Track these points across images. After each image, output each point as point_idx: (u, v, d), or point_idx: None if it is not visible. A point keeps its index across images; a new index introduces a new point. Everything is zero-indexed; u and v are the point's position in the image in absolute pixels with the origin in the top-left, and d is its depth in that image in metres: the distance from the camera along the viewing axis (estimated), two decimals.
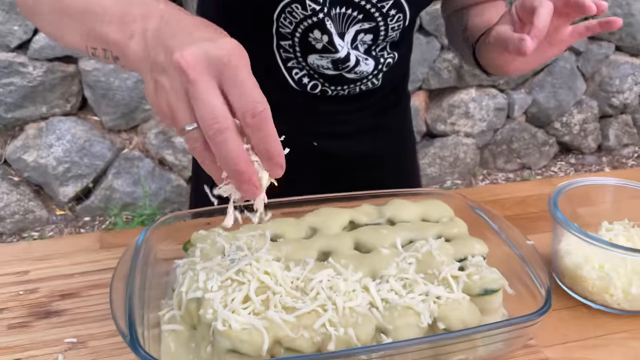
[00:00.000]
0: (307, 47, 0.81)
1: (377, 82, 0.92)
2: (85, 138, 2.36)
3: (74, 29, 0.52)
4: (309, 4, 0.74)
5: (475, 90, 2.68)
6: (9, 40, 2.17)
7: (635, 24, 2.76)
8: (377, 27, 0.82)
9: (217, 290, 0.50)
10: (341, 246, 0.57)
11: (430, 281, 0.53)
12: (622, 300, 0.60)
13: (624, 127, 2.98)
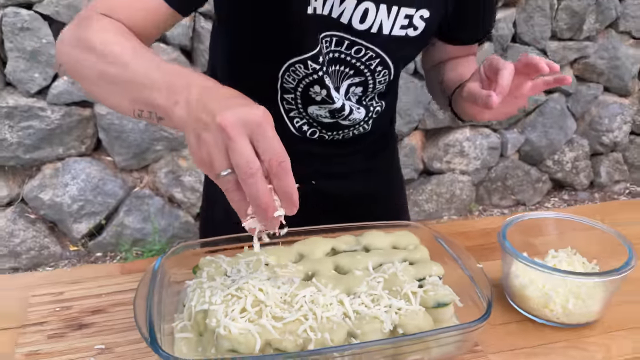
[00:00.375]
0: (308, 100, 0.95)
1: (368, 127, 1.05)
2: (99, 177, 2.50)
3: (121, 95, 0.66)
4: (310, 64, 0.88)
5: (469, 130, 2.83)
6: (30, 87, 2.34)
7: (621, 66, 2.92)
8: (366, 81, 0.96)
9: (220, 304, 0.62)
10: (323, 269, 0.70)
11: (394, 296, 0.65)
12: (560, 315, 0.72)
13: (614, 164, 3.11)
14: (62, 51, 0.73)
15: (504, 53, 2.73)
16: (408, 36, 0.92)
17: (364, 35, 0.89)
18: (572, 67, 2.91)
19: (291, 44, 0.88)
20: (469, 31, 1.05)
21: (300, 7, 0.82)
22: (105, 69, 0.67)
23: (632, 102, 3.07)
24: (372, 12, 0.87)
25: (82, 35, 0.70)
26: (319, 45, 0.87)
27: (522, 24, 2.71)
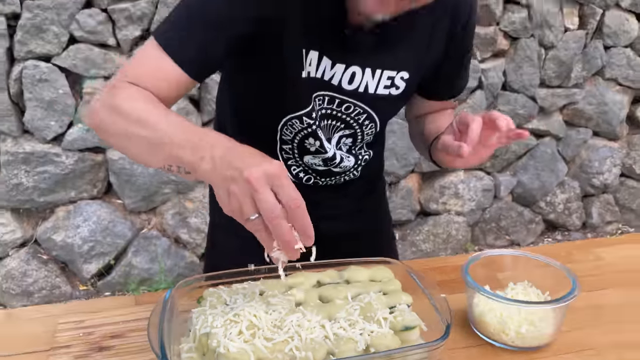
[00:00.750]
0: (304, 150, 1.09)
1: (357, 173, 1.19)
2: (109, 219, 2.64)
3: (152, 153, 0.81)
4: (305, 119, 1.02)
5: (464, 173, 2.96)
6: (46, 134, 2.49)
7: (609, 111, 3.06)
8: (355, 133, 1.10)
9: (220, 327, 0.74)
10: (309, 298, 0.82)
11: (368, 321, 0.77)
12: (515, 339, 0.84)
13: (606, 205, 3.22)
14: (95, 117, 0.87)
15: (495, 100, 2.88)
16: (391, 95, 1.06)
17: (352, 94, 1.03)
18: (562, 113, 3.06)
19: (288, 103, 1.02)
20: (446, 89, 1.20)
21: (296, 72, 0.97)
22: (137, 132, 0.81)
23: (621, 146, 3.20)
24: (359, 74, 1.01)
25: (114, 102, 0.84)
26: (312, 104, 1.01)
27: (512, 72, 2.87)
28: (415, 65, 1.05)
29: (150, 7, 2.39)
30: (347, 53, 0.98)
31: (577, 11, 2.89)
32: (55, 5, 2.31)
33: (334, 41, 0.96)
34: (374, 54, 1.00)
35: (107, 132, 0.87)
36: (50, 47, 2.37)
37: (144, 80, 0.87)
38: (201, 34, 0.89)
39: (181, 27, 0.90)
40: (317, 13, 0.94)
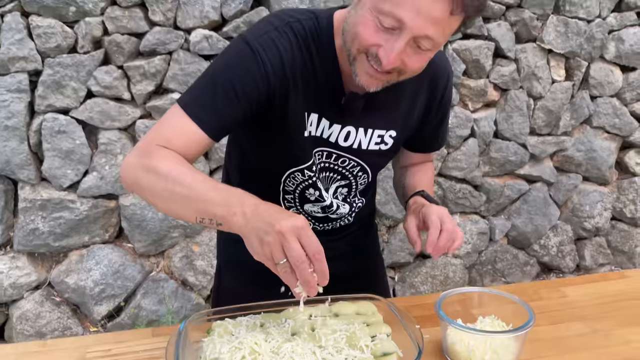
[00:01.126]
0: (304, 200, 1.26)
1: (351, 219, 1.35)
2: (119, 263, 2.78)
3: (186, 208, 0.97)
4: (306, 172, 1.19)
5: (459, 217, 3.11)
6: (62, 182, 2.65)
7: (598, 158, 3.22)
8: (350, 184, 1.26)
9: (227, 353, 0.88)
10: (302, 330, 0.96)
11: (352, 348, 0.91)
12: None
13: (598, 248, 3.35)
14: (129, 175, 1.03)
15: (487, 148, 3.05)
16: (381, 150, 1.23)
17: (347, 150, 1.20)
18: (552, 159, 3.22)
19: (291, 158, 1.19)
20: (428, 144, 1.38)
21: (299, 132, 1.14)
22: (173, 189, 0.97)
23: (611, 190, 3.35)
24: (353, 133, 1.18)
25: (151, 163, 1.00)
26: (313, 158, 1.18)
27: (503, 122, 3.04)
28: (401, 125, 1.23)
29: (164, 64, 2.59)
30: (343, 115, 1.16)
31: (564, 64, 3.09)
32: (75, 62, 2.51)
33: (331, 106, 1.14)
34: (366, 116, 1.17)
35: (142, 188, 1.02)
36: (68, 101, 2.56)
37: (172, 142, 1.04)
38: (221, 103, 1.06)
39: (204, 97, 1.07)
40: (317, 83, 1.12)
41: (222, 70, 1.08)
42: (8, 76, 2.49)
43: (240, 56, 1.07)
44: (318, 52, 1.10)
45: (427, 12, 0.93)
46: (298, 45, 1.08)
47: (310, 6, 2.63)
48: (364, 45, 0.99)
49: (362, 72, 1.03)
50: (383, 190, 2.94)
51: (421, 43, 0.97)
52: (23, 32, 2.45)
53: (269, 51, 1.06)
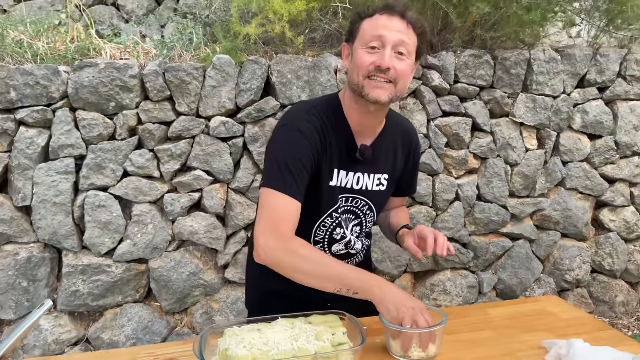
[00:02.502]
0: (332, 241, 1.73)
1: (362, 257, 1.82)
2: (148, 319, 3.20)
3: (328, 282, 1.46)
4: (334, 214, 1.67)
5: (450, 272, 3.51)
6: (101, 249, 3.05)
7: (574, 216, 3.63)
8: (361, 222, 1.75)
9: (233, 345, 1.34)
10: (285, 332, 1.42)
11: (320, 341, 1.36)
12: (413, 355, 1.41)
13: (580, 298, 3.70)
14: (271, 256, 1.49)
15: (472, 209, 3.49)
16: (380, 190, 1.74)
17: (359, 192, 1.71)
18: (532, 219, 3.63)
19: (324, 205, 1.66)
20: (405, 190, 1.89)
21: (327, 183, 1.63)
22: (317, 270, 1.47)
23: (589, 245, 3.72)
24: (362, 178, 1.69)
25: (291, 248, 1.48)
26: (339, 203, 1.66)
27: (484, 186, 3.50)
28: (391, 170, 1.74)
29: (187, 147, 3.07)
30: (355, 164, 1.66)
31: (536, 134, 3.55)
32: (114, 148, 2.97)
33: (348, 158, 1.64)
34: (369, 164, 1.68)
35: (286, 268, 1.50)
36: (108, 180, 2.98)
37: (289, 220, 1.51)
38: (297, 175, 1.53)
39: (286, 176, 1.52)
40: (338, 144, 1.61)
41: (287, 153, 1.55)
42: (58, 161, 2.92)
43: (293, 139, 1.56)
44: (337, 121, 1.62)
45: (393, 26, 1.51)
46: (324, 119, 1.60)
47: (311, 95, 3.16)
48: (365, 67, 1.52)
49: (371, 89, 1.54)
50: (380, 250, 3.38)
51: (399, 49, 1.52)
52: (71, 124, 2.91)
53: (309, 129, 1.57)
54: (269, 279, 1.61)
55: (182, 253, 3.18)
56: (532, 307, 1.74)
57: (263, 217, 1.52)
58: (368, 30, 1.54)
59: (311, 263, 1.47)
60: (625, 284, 3.78)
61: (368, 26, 1.55)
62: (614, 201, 3.67)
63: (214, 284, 3.21)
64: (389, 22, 1.52)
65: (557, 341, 1.42)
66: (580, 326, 1.61)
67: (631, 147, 3.65)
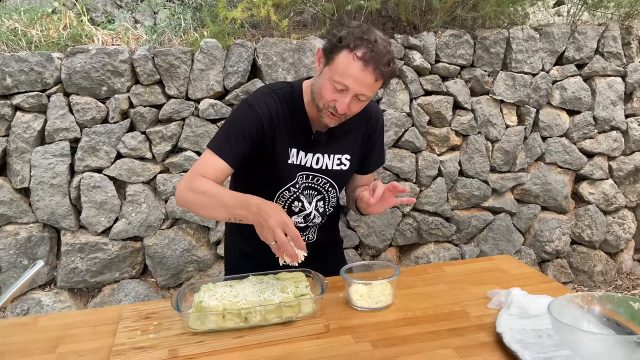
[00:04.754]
0: (290, 213, 1.89)
1: (313, 236, 1.96)
2: (144, 294, 3.34)
3: (220, 212, 1.63)
4: (292, 189, 1.83)
5: (434, 245, 3.67)
6: (97, 228, 3.19)
7: (553, 190, 3.78)
8: (324, 197, 1.91)
9: (206, 298, 1.51)
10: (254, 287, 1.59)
11: (284, 293, 1.53)
12: (368, 304, 1.58)
13: (560, 268, 3.86)
14: (180, 195, 1.68)
15: (454, 185, 3.65)
16: (342, 170, 1.90)
17: (319, 171, 1.87)
18: (513, 193, 3.78)
19: (281, 179, 1.83)
20: (370, 165, 2.03)
21: (285, 160, 1.79)
22: (211, 202, 1.62)
23: (569, 218, 3.87)
24: (321, 158, 1.85)
25: (193, 186, 1.65)
26: (296, 179, 1.82)
27: (466, 162, 3.64)
28: (352, 150, 1.89)
29: (178, 128, 3.19)
30: (313, 146, 1.82)
31: (515, 111, 3.69)
32: (107, 130, 3.10)
33: (304, 140, 1.80)
34: (328, 145, 1.84)
35: (189, 203, 1.67)
36: (102, 162, 3.11)
37: (207, 173, 1.69)
38: (234, 143, 1.71)
39: (223, 141, 1.72)
40: (293, 127, 1.77)
41: (234, 123, 1.76)
42: (53, 144, 3.05)
43: (244, 112, 1.75)
44: (294, 108, 1.79)
45: (361, 81, 1.62)
46: (281, 103, 1.78)
47: (295, 77, 3.31)
48: (326, 101, 1.68)
49: (326, 117, 1.71)
50: (366, 225, 3.55)
51: (360, 97, 1.66)
52: (65, 108, 3.03)
53: (262, 107, 1.74)
54: (238, 238, 1.78)
55: (175, 230, 3.34)
56: (486, 264, 1.91)
57: (190, 170, 1.72)
58: (340, 68, 1.60)
59: (206, 196, 1.63)
60: (604, 254, 3.94)
61: (341, 63, 1.60)
62: (593, 174, 3.82)
63: (206, 259, 3.38)
64: (359, 74, 1.59)
65: (499, 290, 1.59)
66: (525, 279, 1.77)
67: (609, 121, 3.78)
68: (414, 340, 1.42)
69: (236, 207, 1.58)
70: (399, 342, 1.42)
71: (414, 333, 1.46)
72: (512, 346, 1.30)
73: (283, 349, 1.41)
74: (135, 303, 1.72)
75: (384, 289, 1.59)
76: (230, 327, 1.48)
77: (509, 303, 1.49)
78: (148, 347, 1.43)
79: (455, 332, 1.45)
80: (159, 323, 1.56)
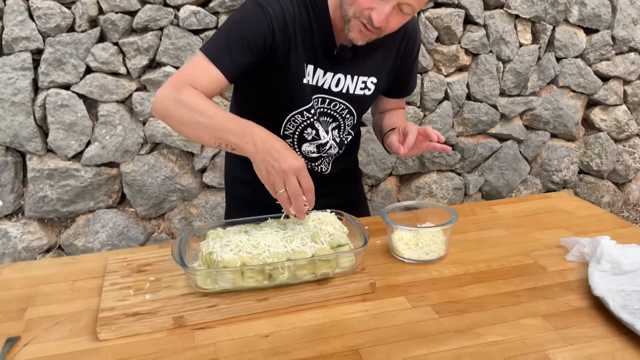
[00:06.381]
0: (302, 140, 1.53)
1: (327, 168, 1.62)
2: (123, 225, 3.05)
3: (207, 134, 1.24)
4: (305, 113, 1.48)
5: (436, 174, 3.39)
6: (67, 152, 2.86)
7: (564, 115, 3.49)
8: (339, 125, 1.55)
9: (218, 248, 1.17)
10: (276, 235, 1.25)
11: (316, 242, 1.19)
12: (417, 255, 1.26)
13: None
14: (161, 106, 1.30)
15: (460, 109, 3.32)
16: (365, 95, 1.52)
17: (338, 94, 1.50)
18: (522, 118, 3.49)
19: (294, 102, 1.47)
20: (401, 90, 1.68)
21: (299, 79, 1.42)
22: (198, 119, 1.24)
23: (578, 146, 3.62)
24: (342, 80, 1.47)
25: (180, 97, 1.27)
26: (312, 102, 1.45)
27: (474, 84, 3.31)
28: (380, 73, 1.52)
29: (155, 39, 2.81)
30: (334, 65, 1.45)
31: (530, 28, 3.34)
32: (74, 40, 2.71)
33: (325, 57, 1.44)
34: (353, 65, 1.47)
35: (172, 117, 1.29)
36: (69, 77, 2.77)
37: (197, 82, 1.30)
38: (236, 51, 1.33)
39: (223, 46, 1.33)
40: (313, 38, 1.40)
41: (237, 25, 1.35)
42: (12, 55, 2.68)
43: (251, 13, 1.35)
44: (315, 13, 1.39)
45: None
46: (299, 6, 1.37)
47: None
48: (360, 9, 1.28)
49: (355, 30, 1.32)
50: (365, 152, 3.22)
51: (403, 8, 1.27)
52: (24, 14, 2.64)
53: (274, 8, 1.34)
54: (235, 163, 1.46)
55: (155, 156, 2.99)
56: (543, 203, 1.60)
57: (176, 73, 1.35)
58: None
59: (195, 112, 1.26)
60: (612, 185, 3.72)
61: None
62: (606, 99, 3.53)
63: (191, 188, 3.04)
64: None
65: (578, 239, 1.28)
66: (599, 223, 1.47)
67: (628, 42, 3.46)
68: (487, 305, 1.11)
69: (232, 134, 1.22)
70: (469, 307, 1.10)
71: (484, 294, 1.15)
72: (623, 316, 1.00)
73: (320, 315, 1.09)
74: (123, 250, 1.37)
75: (436, 236, 1.27)
76: (250, 287, 1.14)
77: (599, 256, 1.18)
78: (146, 313, 1.09)
79: (537, 294, 1.14)
80: (156, 279, 1.22)
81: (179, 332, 1.06)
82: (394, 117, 1.70)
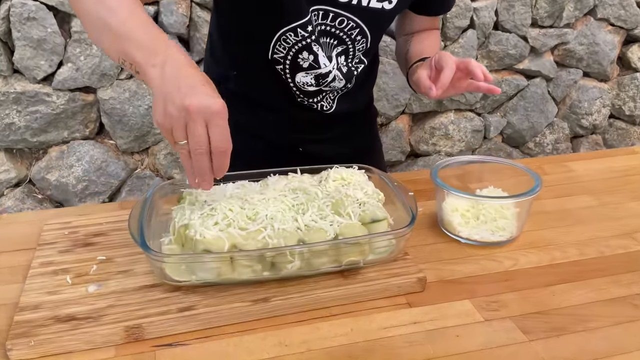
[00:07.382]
0: (296, 67, 1.10)
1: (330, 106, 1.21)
2: (102, 159, 2.66)
3: (112, 43, 0.81)
4: (300, 31, 1.04)
5: (454, 114, 2.98)
6: (36, 73, 2.48)
7: (600, 52, 3.06)
8: (347, 49, 1.12)
9: (198, 219, 0.78)
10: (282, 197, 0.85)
11: (339, 215, 0.80)
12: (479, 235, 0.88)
13: (594, 145, 3.27)
14: None
15: (486, 40, 2.88)
16: (384, 9, 1.08)
17: (346, 7, 1.05)
18: (553, 54, 3.06)
19: (284, 14, 1.03)
20: (435, 6, 1.23)
21: None
22: (106, 18, 0.81)
23: (611, 87, 3.22)
24: None
25: None
26: (309, 16, 1.03)
27: (504, 12, 2.86)
28: None
29: None
30: None
31: None
32: None
33: None
34: None
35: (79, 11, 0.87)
36: None
37: None
38: None
39: None
40: None
41: None
42: None
43: None
44: None
45: None
46: None
47: None
48: None
49: None
50: (375, 86, 2.79)
51: None
52: None
53: None
54: None
55: (137, 82, 2.59)
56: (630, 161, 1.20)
57: None
58: None
59: (102, 8, 0.82)
60: None
61: None
62: None
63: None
64: None
65: None
66: None
67: None
68: (595, 319, 0.72)
69: (138, 48, 0.78)
70: (568, 323, 0.72)
71: (586, 301, 0.76)
72: None
73: (347, 328, 0.71)
74: (66, 209, 0.98)
75: (505, 208, 0.88)
76: (244, 280, 0.76)
77: None
78: (85, 318, 0.70)
79: None
80: (107, 258, 0.83)
81: (132, 351, 0.68)
82: (425, 41, 1.26)
